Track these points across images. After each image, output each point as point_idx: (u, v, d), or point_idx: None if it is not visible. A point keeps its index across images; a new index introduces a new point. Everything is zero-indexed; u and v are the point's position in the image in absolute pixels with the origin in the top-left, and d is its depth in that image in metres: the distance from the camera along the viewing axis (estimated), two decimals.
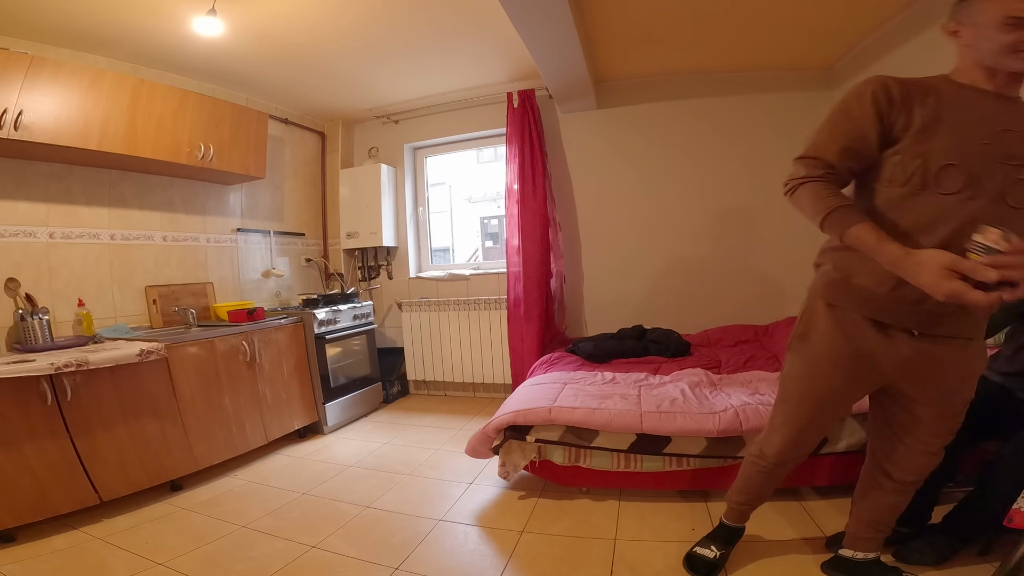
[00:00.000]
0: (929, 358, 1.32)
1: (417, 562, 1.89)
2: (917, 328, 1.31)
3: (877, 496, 1.53)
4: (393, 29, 3.04)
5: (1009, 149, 1.21)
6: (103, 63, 2.96)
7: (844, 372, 1.43)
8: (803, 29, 3.10)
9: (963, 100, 1.28)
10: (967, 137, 1.23)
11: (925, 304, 1.25)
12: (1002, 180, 1.20)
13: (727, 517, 1.80)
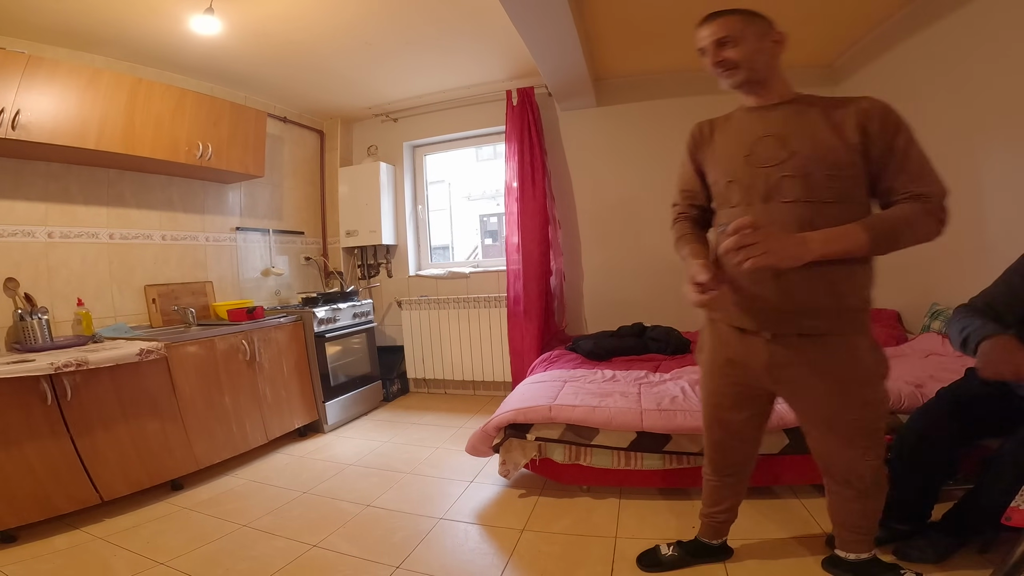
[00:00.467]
0: (787, 362, 1.39)
1: (418, 561, 1.89)
2: (765, 330, 1.40)
3: (841, 504, 1.53)
4: (392, 27, 3.03)
5: (766, 153, 1.39)
6: (100, 62, 2.95)
7: (723, 379, 1.54)
8: (803, 26, 3.09)
9: (735, 122, 1.53)
10: (733, 153, 1.46)
11: (757, 303, 1.38)
12: (764, 183, 1.37)
13: (700, 532, 1.79)
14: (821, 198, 1.32)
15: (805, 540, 1.83)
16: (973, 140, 2.56)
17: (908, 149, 1.32)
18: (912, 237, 1.30)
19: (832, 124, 1.35)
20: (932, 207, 1.29)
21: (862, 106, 1.34)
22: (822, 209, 1.32)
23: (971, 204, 2.62)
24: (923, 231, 1.30)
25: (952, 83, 2.64)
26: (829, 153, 1.33)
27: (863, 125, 1.32)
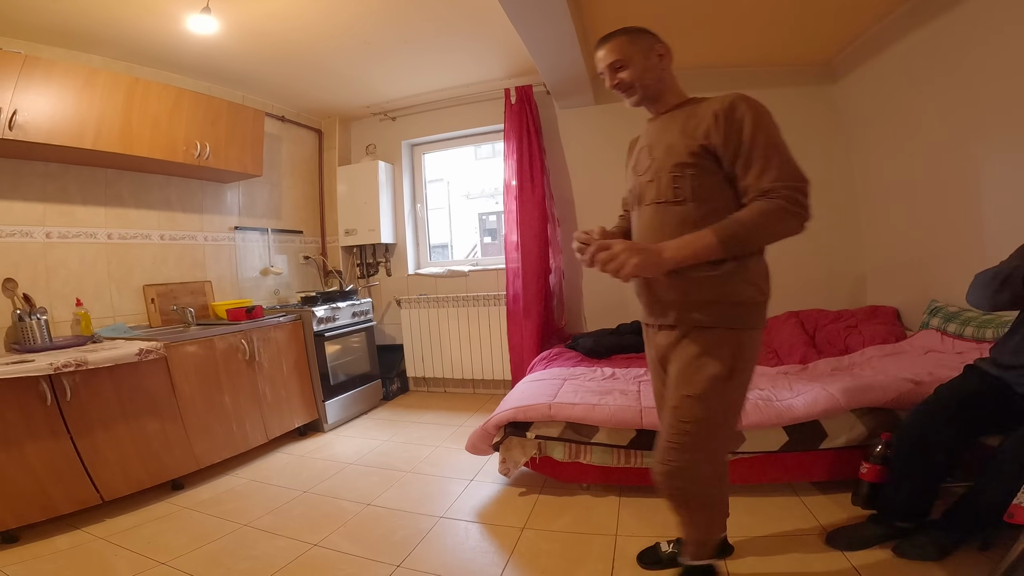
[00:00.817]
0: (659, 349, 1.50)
1: (418, 559, 1.90)
2: (652, 321, 1.51)
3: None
4: (390, 26, 3.03)
5: (641, 163, 1.52)
6: (97, 62, 2.95)
7: (655, 377, 1.62)
8: (801, 24, 3.09)
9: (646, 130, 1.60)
10: (629, 164, 1.63)
11: (643, 298, 1.50)
12: (639, 190, 1.50)
13: None
14: (667, 199, 1.40)
15: (804, 537, 1.84)
16: (972, 137, 2.56)
17: (754, 142, 1.30)
18: (767, 234, 1.31)
19: (688, 126, 1.40)
20: (778, 202, 1.27)
21: (717, 103, 1.36)
22: (669, 210, 1.40)
23: (970, 201, 2.63)
24: (777, 228, 1.30)
25: (951, 81, 2.64)
26: (674, 155, 1.39)
27: (713, 122, 1.34)
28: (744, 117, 1.31)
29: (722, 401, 1.38)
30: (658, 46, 1.50)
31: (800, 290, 3.72)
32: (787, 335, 3.27)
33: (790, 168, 1.30)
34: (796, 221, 1.30)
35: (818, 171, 3.80)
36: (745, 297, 1.37)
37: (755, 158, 1.30)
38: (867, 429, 2.02)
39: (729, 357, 1.36)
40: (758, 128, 1.30)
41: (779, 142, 1.32)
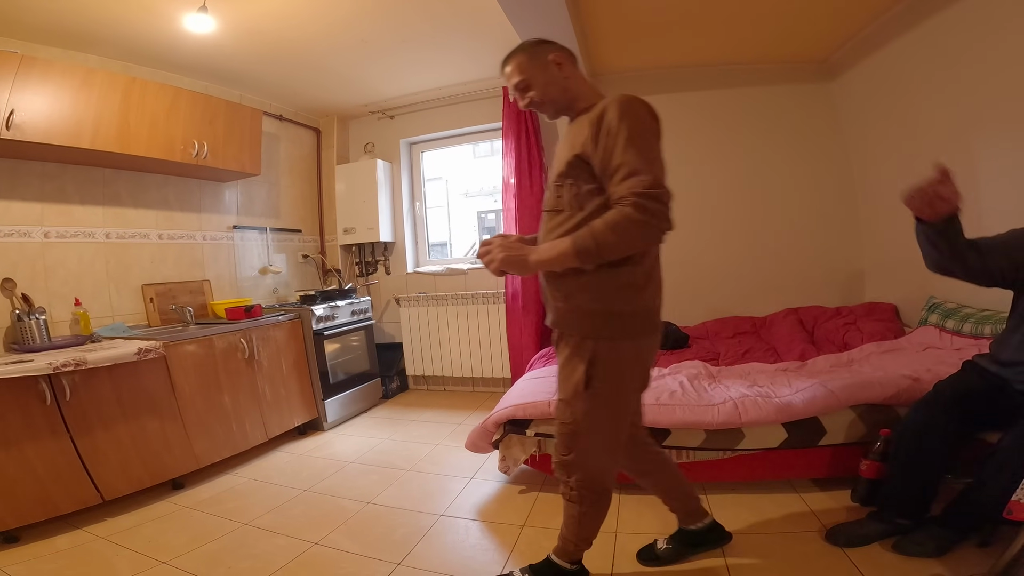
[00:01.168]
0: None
1: (419, 557, 1.90)
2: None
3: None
4: (387, 24, 3.02)
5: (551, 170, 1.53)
6: (94, 61, 2.94)
7: None
8: (799, 21, 3.09)
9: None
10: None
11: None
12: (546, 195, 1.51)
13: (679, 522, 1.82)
14: (552, 207, 1.45)
15: (804, 534, 1.84)
16: (970, 134, 2.57)
17: (615, 149, 1.26)
18: (618, 244, 1.26)
19: (572, 134, 1.41)
20: (626, 211, 1.22)
21: (595, 110, 1.34)
22: (553, 218, 1.43)
23: (968, 198, 2.61)
24: (625, 238, 1.25)
25: (948, 77, 2.64)
26: (557, 165, 1.44)
27: (589, 131, 1.33)
28: (611, 123, 1.28)
29: (584, 409, 1.41)
30: (553, 55, 1.48)
31: (799, 287, 3.73)
32: (786, 332, 3.28)
33: (644, 175, 1.22)
34: (643, 230, 1.23)
35: (816, 168, 3.85)
36: (604, 307, 1.36)
37: (615, 165, 1.26)
38: (866, 426, 2.02)
39: (587, 366, 1.38)
40: (620, 134, 1.26)
41: (640, 147, 1.26)
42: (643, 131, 1.28)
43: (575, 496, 1.55)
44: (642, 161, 1.24)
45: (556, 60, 1.48)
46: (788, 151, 3.76)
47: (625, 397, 1.48)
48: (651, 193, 1.20)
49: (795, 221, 3.77)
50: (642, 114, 1.30)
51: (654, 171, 1.24)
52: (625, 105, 1.29)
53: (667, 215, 1.23)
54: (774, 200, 3.79)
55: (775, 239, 3.78)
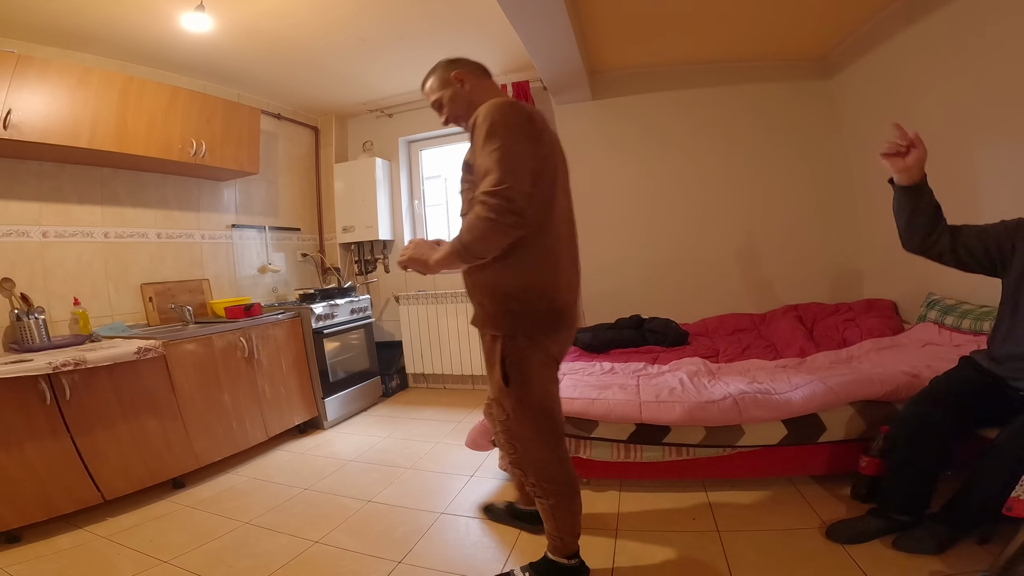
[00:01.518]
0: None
1: (420, 555, 1.91)
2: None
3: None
4: (385, 22, 3.01)
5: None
6: (91, 61, 2.93)
7: None
8: (796, 19, 3.09)
9: None
10: None
11: None
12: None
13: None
14: (462, 212, 1.53)
15: (804, 531, 1.84)
16: (969, 130, 2.57)
17: (480, 152, 1.35)
18: (480, 243, 1.34)
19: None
20: (478, 210, 1.30)
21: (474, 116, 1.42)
22: (461, 222, 1.44)
23: (967, 194, 2.63)
24: (479, 236, 1.32)
25: (947, 74, 2.64)
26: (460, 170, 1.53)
27: (471, 139, 1.42)
28: (478, 130, 1.37)
29: (512, 404, 1.51)
30: (455, 73, 1.61)
31: (798, 284, 3.73)
32: (785, 329, 3.28)
33: (493, 174, 1.29)
34: (490, 226, 1.29)
35: (814, 165, 3.85)
36: (502, 307, 1.46)
37: (479, 169, 1.35)
38: (865, 422, 2.03)
39: (501, 364, 1.47)
40: (481, 138, 1.35)
41: (494, 149, 1.32)
42: (501, 134, 1.33)
43: (538, 491, 1.60)
44: (494, 162, 1.31)
45: (458, 77, 1.60)
46: (787, 148, 3.76)
47: (545, 388, 1.54)
48: (496, 191, 1.27)
49: (794, 218, 3.77)
50: (501, 118, 1.35)
51: (501, 170, 1.29)
52: (487, 111, 1.37)
53: (511, 210, 1.28)
54: (773, 197, 3.79)
55: (774, 236, 3.79)
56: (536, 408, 1.52)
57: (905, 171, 1.70)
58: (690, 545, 1.83)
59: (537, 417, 1.53)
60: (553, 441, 1.57)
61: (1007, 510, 1.30)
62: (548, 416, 1.56)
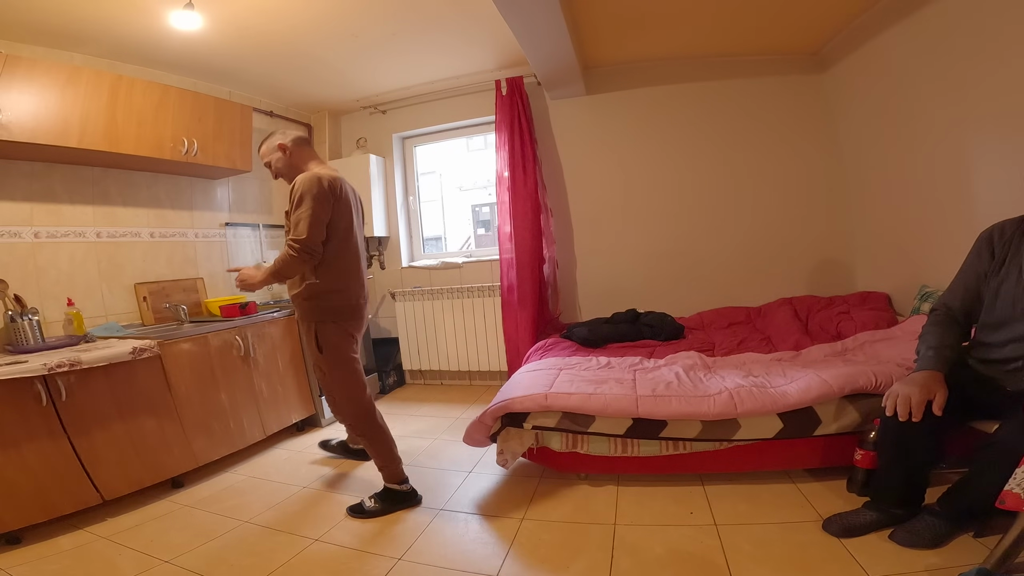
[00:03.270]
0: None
1: (419, 552, 1.92)
2: None
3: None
4: (376, 18, 2.99)
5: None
6: (79, 60, 2.89)
7: None
8: (790, 13, 3.09)
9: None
10: None
11: None
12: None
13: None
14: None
15: (800, 524, 1.86)
16: (961, 125, 2.58)
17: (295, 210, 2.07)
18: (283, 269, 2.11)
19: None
20: (284, 249, 2.06)
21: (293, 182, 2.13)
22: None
23: (959, 186, 2.65)
24: (285, 266, 2.09)
25: (940, 68, 2.64)
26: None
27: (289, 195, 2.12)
28: (296, 193, 2.07)
29: (328, 366, 2.27)
30: (279, 145, 2.28)
31: (792, 277, 3.76)
32: (780, 322, 3.30)
33: (301, 228, 2.03)
34: (293, 262, 2.06)
35: (808, 159, 3.87)
36: (314, 304, 2.20)
37: (294, 220, 2.07)
38: (860, 415, 2.04)
39: (316, 339, 2.22)
40: (298, 201, 2.06)
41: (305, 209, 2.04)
42: (308, 202, 2.04)
43: (356, 431, 2.37)
44: (302, 219, 2.03)
45: (284, 149, 2.27)
46: (781, 142, 3.77)
47: (345, 354, 2.28)
48: (299, 241, 2.03)
49: (788, 211, 3.78)
50: (308, 189, 2.05)
51: (306, 226, 2.02)
52: (301, 182, 2.07)
53: (308, 252, 2.05)
54: (767, 191, 3.81)
55: (768, 229, 3.80)
56: (341, 368, 2.27)
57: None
58: (688, 539, 1.85)
59: (343, 374, 2.28)
60: (356, 392, 2.30)
61: (1000, 503, 1.32)
62: (351, 371, 2.29)
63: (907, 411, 1.56)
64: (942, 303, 1.85)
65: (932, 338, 1.74)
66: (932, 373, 1.62)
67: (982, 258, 1.74)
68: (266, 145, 2.32)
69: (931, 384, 1.57)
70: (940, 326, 1.78)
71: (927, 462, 1.70)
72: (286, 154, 2.27)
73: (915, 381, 1.60)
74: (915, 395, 1.55)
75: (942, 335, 1.74)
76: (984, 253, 1.74)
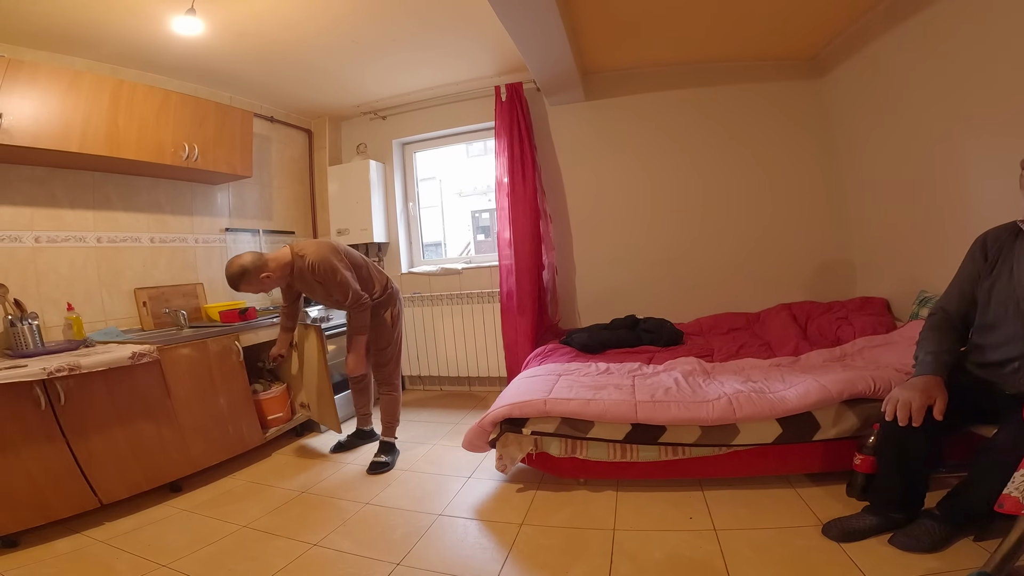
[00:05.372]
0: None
1: (418, 557, 1.91)
2: None
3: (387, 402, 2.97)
4: (376, 24, 3.01)
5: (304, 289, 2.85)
6: (81, 64, 2.91)
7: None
8: (787, 19, 3.11)
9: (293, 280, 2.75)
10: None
11: None
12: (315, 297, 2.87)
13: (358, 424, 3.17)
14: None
15: (800, 529, 1.86)
16: (957, 128, 2.59)
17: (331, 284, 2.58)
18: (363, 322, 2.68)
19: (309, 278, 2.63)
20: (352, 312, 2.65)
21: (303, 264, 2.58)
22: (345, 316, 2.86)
23: (957, 191, 2.66)
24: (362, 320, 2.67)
25: (935, 72, 2.66)
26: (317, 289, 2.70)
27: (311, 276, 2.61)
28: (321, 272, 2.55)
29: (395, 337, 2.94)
30: (263, 276, 2.49)
31: (791, 282, 3.76)
32: (779, 327, 3.30)
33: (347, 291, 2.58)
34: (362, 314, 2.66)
35: (806, 164, 3.89)
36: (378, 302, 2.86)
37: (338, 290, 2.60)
38: (859, 420, 2.05)
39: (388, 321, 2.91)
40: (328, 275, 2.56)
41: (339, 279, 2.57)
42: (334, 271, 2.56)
43: (391, 389, 2.96)
44: (341, 285, 2.57)
45: (267, 276, 2.50)
46: (779, 147, 3.79)
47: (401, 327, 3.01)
48: (352, 300, 2.59)
49: (786, 217, 3.80)
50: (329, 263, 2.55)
51: (348, 288, 2.58)
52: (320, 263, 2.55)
53: (362, 304, 2.63)
54: (765, 196, 3.82)
55: (767, 235, 3.81)
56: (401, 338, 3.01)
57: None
58: (687, 544, 1.84)
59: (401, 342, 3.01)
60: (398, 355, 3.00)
61: (999, 507, 1.32)
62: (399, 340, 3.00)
63: (907, 416, 1.56)
64: (939, 307, 1.86)
65: (930, 343, 1.75)
66: (932, 378, 1.62)
67: (976, 262, 1.76)
68: (247, 283, 2.47)
69: (931, 389, 1.58)
70: (938, 330, 1.79)
71: (927, 467, 1.70)
72: (270, 279, 2.53)
73: (915, 386, 1.61)
74: (915, 400, 1.56)
75: (940, 339, 1.75)
76: (978, 257, 1.76)
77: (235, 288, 2.47)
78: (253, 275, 2.45)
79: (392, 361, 2.93)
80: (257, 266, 2.46)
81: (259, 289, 2.53)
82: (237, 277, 2.43)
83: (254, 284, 2.48)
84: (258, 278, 2.47)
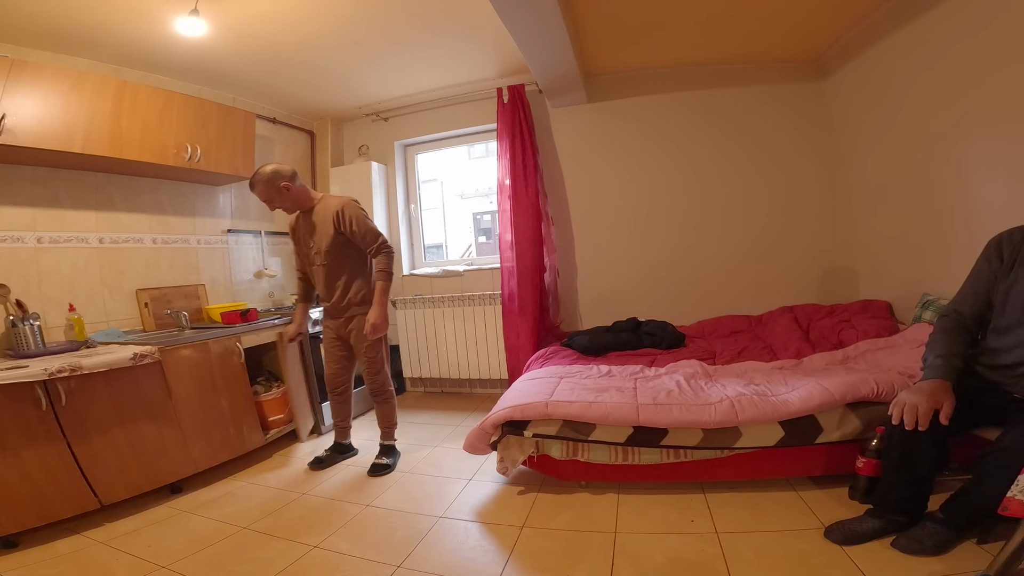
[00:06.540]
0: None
1: (419, 559, 1.90)
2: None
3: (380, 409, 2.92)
4: (378, 26, 3.02)
5: (307, 240, 2.72)
6: (84, 65, 2.92)
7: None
8: (790, 21, 3.11)
9: (301, 222, 2.75)
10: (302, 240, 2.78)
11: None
12: (311, 255, 2.74)
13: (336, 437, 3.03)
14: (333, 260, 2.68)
15: (802, 532, 1.85)
16: (960, 130, 2.59)
17: (360, 228, 2.58)
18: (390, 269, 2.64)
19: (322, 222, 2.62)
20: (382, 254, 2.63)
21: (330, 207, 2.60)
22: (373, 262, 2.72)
23: (960, 194, 2.65)
24: (389, 266, 2.64)
25: (939, 75, 2.66)
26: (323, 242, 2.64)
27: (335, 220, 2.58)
28: (349, 216, 2.56)
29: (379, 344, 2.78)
30: (282, 184, 2.53)
31: (793, 285, 3.76)
32: (782, 330, 3.30)
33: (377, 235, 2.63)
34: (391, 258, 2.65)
35: (809, 167, 3.89)
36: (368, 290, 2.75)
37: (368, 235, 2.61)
38: (862, 423, 2.04)
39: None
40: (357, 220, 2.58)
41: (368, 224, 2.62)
42: (364, 217, 2.61)
43: (386, 395, 2.88)
44: (372, 230, 2.63)
45: (285, 186, 2.54)
46: (781, 150, 3.79)
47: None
48: (383, 243, 2.63)
49: (789, 219, 3.79)
50: (358, 209, 2.61)
51: (377, 232, 2.63)
52: (348, 208, 2.57)
53: (391, 248, 2.66)
54: (768, 198, 3.82)
55: (769, 237, 3.81)
56: (385, 343, 2.84)
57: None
58: (689, 547, 1.84)
59: (385, 347, 2.85)
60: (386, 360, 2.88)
61: (1003, 510, 1.31)
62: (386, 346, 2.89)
63: (914, 420, 1.55)
64: (952, 308, 1.84)
65: (940, 346, 1.73)
66: (940, 382, 1.61)
67: (991, 263, 1.74)
68: (264, 184, 2.51)
69: (939, 393, 1.57)
70: (949, 333, 1.77)
71: (932, 470, 1.69)
72: (288, 191, 2.55)
73: (922, 390, 1.60)
74: (922, 404, 1.55)
75: (951, 343, 1.73)
76: (993, 258, 1.73)
77: (251, 187, 2.55)
78: (275, 180, 2.52)
79: (381, 368, 2.84)
80: (282, 174, 2.53)
81: (270, 197, 2.54)
82: (262, 175, 2.52)
83: (270, 190, 2.52)
84: (277, 186, 2.52)
